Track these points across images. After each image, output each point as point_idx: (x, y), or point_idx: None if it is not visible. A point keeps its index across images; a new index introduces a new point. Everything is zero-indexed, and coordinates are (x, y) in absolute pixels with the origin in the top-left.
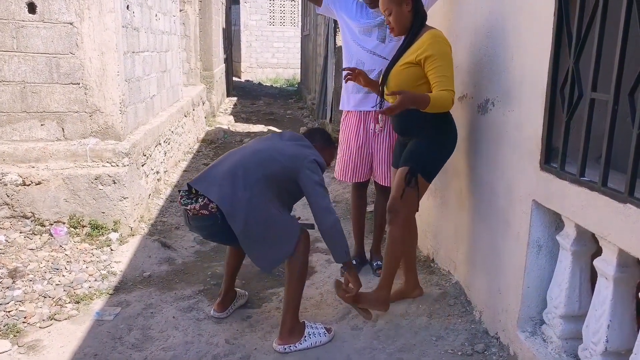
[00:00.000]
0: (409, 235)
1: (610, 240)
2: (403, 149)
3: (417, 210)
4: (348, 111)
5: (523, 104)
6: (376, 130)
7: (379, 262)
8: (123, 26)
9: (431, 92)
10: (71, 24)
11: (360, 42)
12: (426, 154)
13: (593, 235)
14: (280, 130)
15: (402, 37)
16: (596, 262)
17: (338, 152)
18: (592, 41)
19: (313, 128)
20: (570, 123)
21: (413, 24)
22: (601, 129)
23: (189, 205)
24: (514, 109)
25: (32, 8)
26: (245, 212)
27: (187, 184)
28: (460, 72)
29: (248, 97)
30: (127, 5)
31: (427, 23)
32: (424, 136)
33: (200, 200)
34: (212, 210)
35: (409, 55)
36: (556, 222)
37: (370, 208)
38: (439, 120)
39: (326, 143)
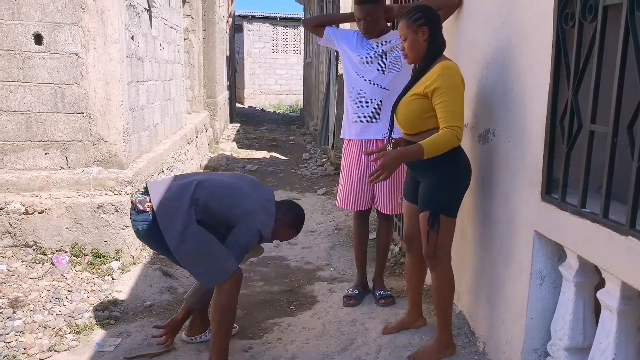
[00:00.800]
0: (452, 279)
1: (613, 272)
2: (414, 181)
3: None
4: (349, 140)
5: (523, 134)
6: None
7: (382, 292)
8: (127, 56)
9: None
10: (76, 54)
11: (361, 73)
12: (442, 192)
13: (596, 266)
14: (283, 157)
15: (408, 67)
16: (599, 295)
17: (340, 180)
18: (591, 73)
19: (292, 204)
20: (571, 154)
21: (427, 53)
22: (601, 159)
23: (134, 197)
24: (514, 140)
25: (38, 39)
26: (182, 223)
27: (145, 181)
28: None
29: (251, 123)
30: (132, 36)
31: None
32: (435, 174)
33: (146, 197)
34: (148, 208)
35: (419, 87)
36: (559, 252)
37: (372, 235)
38: (450, 156)
39: (290, 225)
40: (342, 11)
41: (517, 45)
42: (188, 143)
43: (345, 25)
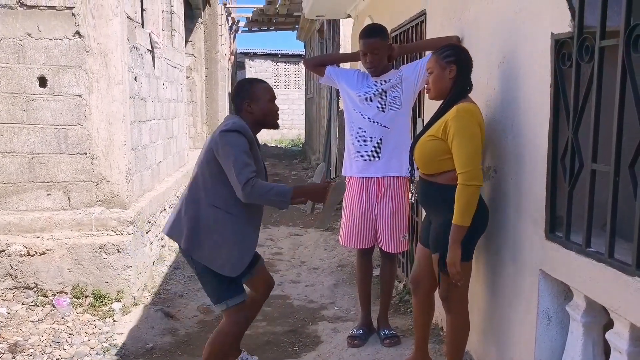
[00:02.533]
0: (467, 322)
1: (621, 314)
2: (428, 223)
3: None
4: (351, 177)
5: (525, 172)
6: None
7: (387, 332)
8: (130, 97)
9: (453, 164)
10: (80, 96)
11: (361, 110)
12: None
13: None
14: None
15: (409, 105)
16: (608, 336)
17: (342, 217)
18: (590, 112)
19: (235, 86)
20: (573, 192)
21: (451, 91)
22: (604, 196)
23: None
24: (516, 177)
25: (42, 82)
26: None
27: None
28: None
29: None
30: (135, 77)
31: None
32: (447, 214)
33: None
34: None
35: (435, 128)
36: (565, 291)
37: (376, 272)
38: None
39: (251, 87)
40: (341, 49)
41: (516, 84)
42: None
43: (346, 65)
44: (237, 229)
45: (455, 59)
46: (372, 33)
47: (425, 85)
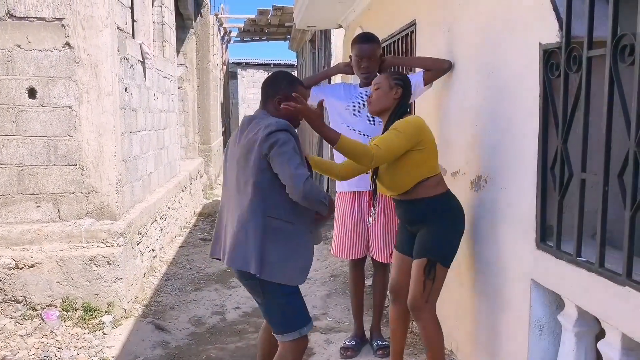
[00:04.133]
0: (439, 325)
1: (612, 324)
2: (409, 234)
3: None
4: (342, 191)
5: (515, 182)
6: (368, 222)
7: (380, 342)
8: (121, 108)
9: (424, 170)
10: (70, 107)
11: (351, 124)
12: (441, 241)
13: None
14: None
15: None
16: (600, 346)
17: (334, 229)
18: (579, 122)
19: (270, 77)
20: (563, 202)
21: (393, 111)
22: (595, 204)
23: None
24: (507, 187)
25: (32, 93)
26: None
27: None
28: (452, 149)
29: None
30: (126, 88)
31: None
32: (434, 223)
33: None
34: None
35: None
36: (557, 301)
37: (369, 282)
38: (445, 204)
39: (289, 87)
40: (333, 59)
41: (505, 95)
42: (182, 190)
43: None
44: (300, 237)
45: (403, 84)
46: (368, 39)
47: (367, 98)
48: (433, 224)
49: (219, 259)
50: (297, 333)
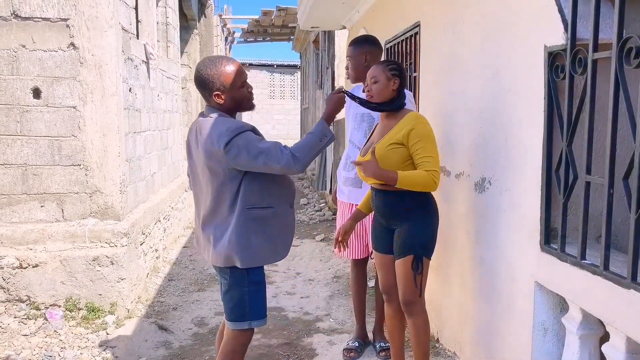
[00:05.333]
0: (428, 322)
1: (617, 327)
2: (385, 231)
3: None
4: (341, 200)
5: (519, 184)
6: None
7: (382, 344)
8: (125, 108)
9: (412, 166)
10: (74, 107)
11: (351, 137)
12: (423, 235)
13: None
14: None
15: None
16: (604, 349)
17: (336, 229)
18: (583, 125)
19: (198, 75)
20: (568, 204)
21: (395, 102)
22: (599, 207)
23: None
24: (511, 189)
25: (37, 93)
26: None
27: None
28: (455, 150)
29: None
30: (130, 88)
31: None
32: (414, 218)
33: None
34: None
35: (394, 136)
36: (561, 303)
37: (371, 283)
38: (425, 200)
39: (211, 84)
40: (336, 60)
41: (510, 97)
42: (185, 191)
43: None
44: (282, 216)
45: (399, 74)
46: (354, 41)
47: (367, 92)
48: (413, 219)
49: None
50: (247, 324)
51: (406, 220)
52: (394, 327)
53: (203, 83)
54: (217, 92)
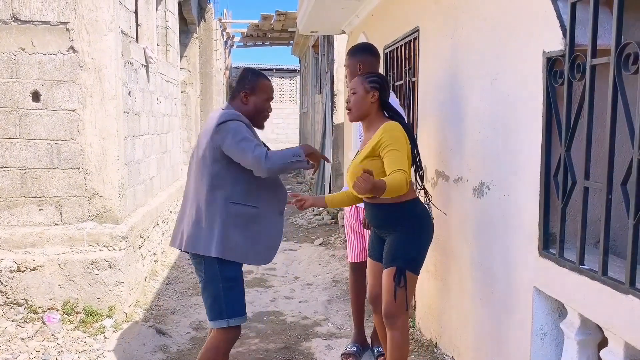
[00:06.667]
0: (407, 337)
1: (615, 332)
2: (379, 239)
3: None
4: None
5: (518, 189)
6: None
7: (380, 349)
8: (124, 111)
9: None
10: (73, 111)
11: (355, 148)
12: (408, 248)
13: None
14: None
15: None
16: (603, 354)
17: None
18: (582, 130)
19: (239, 75)
20: (566, 209)
21: (375, 115)
22: (598, 212)
23: None
24: (509, 194)
25: (36, 97)
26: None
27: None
28: (454, 155)
29: None
30: (129, 92)
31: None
32: (401, 230)
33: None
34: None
35: (368, 149)
36: (559, 309)
37: None
38: (411, 211)
39: (247, 83)
40: (336, 64)
41: (509, 102)
42: None
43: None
44: (266, 219)
45: (377, 86)
46: (350, 51)
47: (346, 104)
48: (399, 230)
49: (181, 250)
50: (225, 322)
51: (395, 231)
52: (383, 335)
53: (242, 79)
54: (246, 92)
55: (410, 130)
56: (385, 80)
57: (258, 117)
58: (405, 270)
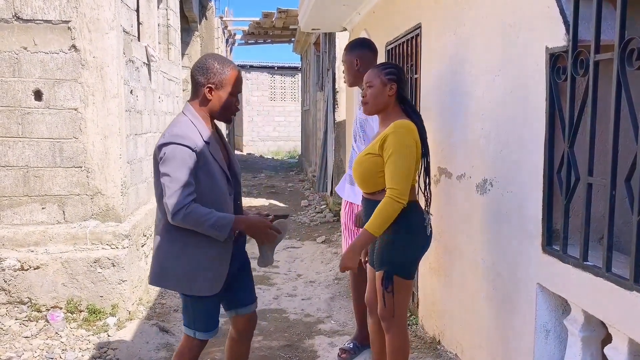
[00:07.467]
0: (406, 342)
1: (619, 328)
2: (373, 242)
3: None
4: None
5: (521, 185)
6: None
7: None
8: (126, 110)
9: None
10: (76, 109)
11: (355, 149)
12: (394, 252)
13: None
14: (281, 204)
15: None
16: (607, 351)
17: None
18: (585, 126)
19: (198, 62)
20: (570, 206)
21: (392, 110)
22: (601, 208)
23: None
24: (513, 190)
25: (38, 96)
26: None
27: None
28: (457, 152)
29: (249, 170)
30: (131, 90)
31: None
32: (388, 233)
33: None
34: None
35: (372, 145)
36: (563, 305)
37: None
38: (403, 215)
39: (211, 76)
40: (337, 62)
41: (511, 98)
42: None
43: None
44: (211, 248)
45: (396, 78)
46: (347, 47)
47: (362, 97)
48: (389, 234)
49: None
50: (192, 332)
51: (385, 234)
52: (374, 339)
53: (203, 71)
54: (210, 86)
55: (423, 131)
56: (402, 72)
57: (224, 112)
58: (392, 274)
